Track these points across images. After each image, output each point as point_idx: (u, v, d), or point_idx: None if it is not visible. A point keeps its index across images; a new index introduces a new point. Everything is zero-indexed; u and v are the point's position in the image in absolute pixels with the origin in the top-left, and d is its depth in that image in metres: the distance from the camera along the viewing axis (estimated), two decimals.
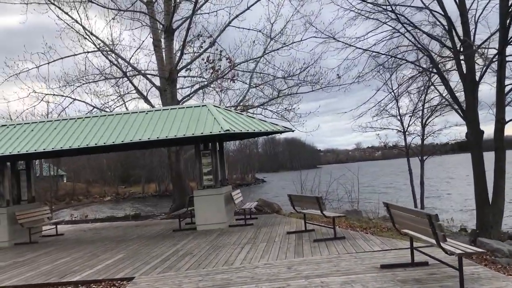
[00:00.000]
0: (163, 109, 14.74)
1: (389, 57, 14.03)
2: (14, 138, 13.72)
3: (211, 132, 12.71)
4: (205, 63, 19.59)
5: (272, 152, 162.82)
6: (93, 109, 19.62)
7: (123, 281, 7.82)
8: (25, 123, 14.66)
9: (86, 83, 19.35)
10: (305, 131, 20.08)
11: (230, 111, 14.84)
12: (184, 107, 14.72)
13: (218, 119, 13.25)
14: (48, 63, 19.14)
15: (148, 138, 12.82)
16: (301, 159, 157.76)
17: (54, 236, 14.87)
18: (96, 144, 12.88)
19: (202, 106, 14.53)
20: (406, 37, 13.85)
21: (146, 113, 14.44)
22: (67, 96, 19.72)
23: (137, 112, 14.67)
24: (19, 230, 13.65)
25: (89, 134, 13.42)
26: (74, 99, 19.90)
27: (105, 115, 14.71)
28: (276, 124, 14.39)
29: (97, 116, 14.66)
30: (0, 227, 13.46)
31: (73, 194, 73.80)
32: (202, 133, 12.76)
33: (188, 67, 19.59)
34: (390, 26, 13.96)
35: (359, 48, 14.13)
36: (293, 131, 14.35)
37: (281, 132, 13.96)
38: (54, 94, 19.62)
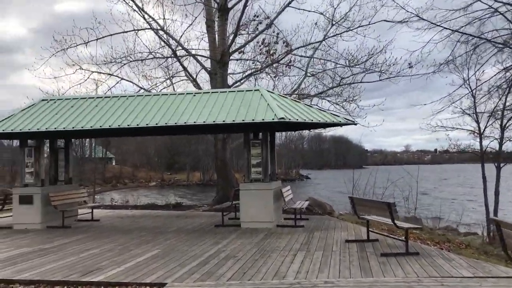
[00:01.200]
0: (212, 92, 13.43)
1: (484, 40, 11.98)
2: (53, 114, 12.82)
3: (263, 120, 11.27)
4: (260, 46, 18.12)
5: (318, 148, 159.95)
6: (139, 90, 18.65)
7: (153, 287, 6.52)
8: (66, 99, 13.76)
9: (134, 60, 18.37)
10: (367, 125, 18.11)
11: (286, 97, 13.31)
12: (235, 91, 13.35)
13: (272, 105, 11.78)
14: (97, 39, 18.30)
15: (194, 122, 11.55)
16: (347, 158, 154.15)
17: (89, 222, 13.94)
18: (137, 125, 11.74)
19: (255, 90, 13.08)
20: (506, 17, 11.71)
21: (194, 95, 13.17)
22: (113, 75, 18.86)
23: (184, 94, 13.43)
24: (53, 212, 12.77)
25: (131, 114, 12.30)
26: (122, 79, 19.03)
27: (150, 95, 13.57)
28: (337, 115, 12.76)
29: (142, 96, 13.54)
30: (33, 208, 12.63)
31: (119, 177, 74.84)
32: (253, 120, 11.34)
33: (242, 49, 18.20)
34: (485, 4, 11.86)
35: (447, 29, 12.11)
36: (356, 123, 12.65)
37: (342, 125, 12.31)
38: (101, 72, 18.81)
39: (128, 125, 11.76)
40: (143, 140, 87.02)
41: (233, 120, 11.42)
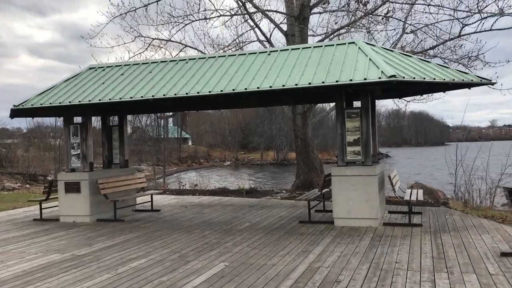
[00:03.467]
0: (292, 49, 10.44)
1: None
2: (100, 83, 10.56)
3: (365, 80, 8.16)
4: None
5: (396, 125, 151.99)
6: None
7: None
8: (115, 66, 11.44)
9: (197, 20, 15.79)
10: (502, 87, 13.87)
11: (392, 50, 10.01)
12: (321, 46, 10.26)
13: (376, 61, 8.62)
14: (157, 1, 15.92)
15: (270, 87, 8.70)
16: (428, 134, 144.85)
17: (148, 212, 11.71)
18: (198, 92, 9.10)
19: (349, 43, 9.92)
20: None
21: (269, 54, 10.27)
22: (175, 41, 16.47)
23: (255, 53, 10.58)
24: (105, 202, 10.63)
25: (191, 80, 9.70)
26: (185, 46, 16.58)
27: (214, 57, 10.87)
28: (466, 73, 9.29)
29: (204, 58, 10.88)
30: (81, 197, 10.54)
31: (194, 157, 74.50)
32: (351, 80, 8.26)
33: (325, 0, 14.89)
34: None
35: None
36: (493, 83, 9.09)
37: (475, 85, 8.84)
38: (161, 39, 16.47)
39: (186, 93, 9.16)
40: (218, 119, 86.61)
41: (323, 82, 8.42)
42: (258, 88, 8.75)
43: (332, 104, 16.00)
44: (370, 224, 8.73)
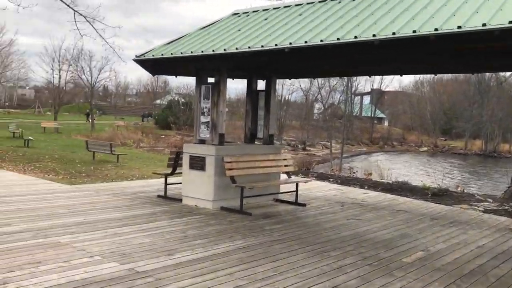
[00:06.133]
0: None
1: None
2: (242, 31, 8.04)
3: None
4: None
5: None
6: None
7: None
8: (262, 10, 8.71)
9: None
10: None
11: None
12: None
13: None
14: None
15: (436, 30, 4.88)
16: None
17: (291, 205, 8.95)
18: (355, 37, 5.78)
19: None
20: None
21: None
22: None
23: None
24: (233, 186, 8.23)
25: (347, 24, 6.39)
26: None
27: None
28: None
29: None
30: (205, 176, 8.33)
31: (387, 138, 69.43)
32: None
33: None
34: None
35: None
36: None
37: None
38: None
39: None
40: (418, 100, 78.71)
41: None
42: (414, 33, 5.07)
43: None
44: None
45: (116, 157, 17.62)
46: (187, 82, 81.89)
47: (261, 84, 9.88)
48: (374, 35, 5.62)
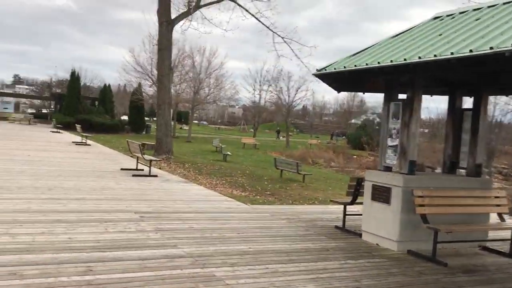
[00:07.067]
0: None
1: None
2: (435, 35, 6.54)
3: None
4: None
5: None
6: None
7: None
8: (473, 10, 6.97)
9: None
10: None
11: None
12: None
13: None
14: None
15: None
16: None
17: (503, 257, 6.90)
18: None
19: None
20: None
21: None
22: None
23: None
24: (425, 227, 6.68)
25: None
26: None
27: None
28: None
29: None
30: (388, 211, 6.97)
31: None
32: None
33: None
34: None
35: None
36: None
37: None
38: None
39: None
40: None
41: None
42: None
43: None
44: None
45: (302, 177, 17.25)
46: None
47: (467, 102, 8.09)
48: None
